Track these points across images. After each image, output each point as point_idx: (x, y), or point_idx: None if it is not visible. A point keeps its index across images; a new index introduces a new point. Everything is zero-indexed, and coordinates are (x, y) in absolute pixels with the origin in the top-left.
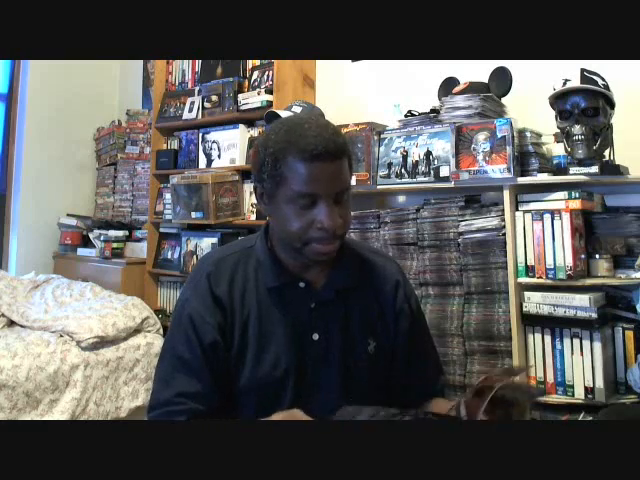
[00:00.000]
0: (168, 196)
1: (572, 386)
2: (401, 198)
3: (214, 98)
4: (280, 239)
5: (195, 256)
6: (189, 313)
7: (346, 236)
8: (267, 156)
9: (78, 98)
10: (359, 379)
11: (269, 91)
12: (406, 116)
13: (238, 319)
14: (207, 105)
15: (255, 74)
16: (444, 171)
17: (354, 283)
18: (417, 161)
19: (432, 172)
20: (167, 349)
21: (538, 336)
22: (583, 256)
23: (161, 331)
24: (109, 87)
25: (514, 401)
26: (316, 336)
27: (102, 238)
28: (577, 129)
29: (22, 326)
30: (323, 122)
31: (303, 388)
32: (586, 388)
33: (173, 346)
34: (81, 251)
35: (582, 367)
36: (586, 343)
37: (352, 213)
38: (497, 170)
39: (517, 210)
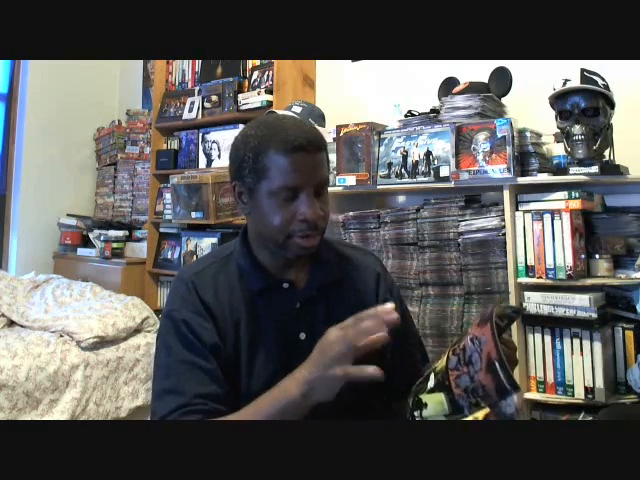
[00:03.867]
0: (168, 196)
1: (572, 386)
2: (401, 198)
3: (214, 98)
4: (260, 237)
5: (195, 256)
6: (184, 319)
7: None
8: (247, 151)
9: (78, 98)
10: None
11: (269, 91)
12: (406, 116)
13: (229, 326)
14: (207, 105)
15: (255, 74)
16: (444, 171)
17: (335, 277)
18: (417, 161)
19: (432, 172)
20: (165, 357)
21: (538, 336)
22: (583, 256)
23: None
24: (109, 87)
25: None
26: (303, 335)
27: (102, 238)
28: (577, 129)
29: (22, 326)
30: (299, 118)
31: None
32: (586, 388)
33: (172, 353)
34: (81, 251)
35: (582, 367)
36: (586, 343)
37: (352, 213)
38: (497, 170)
39: (517, 210)
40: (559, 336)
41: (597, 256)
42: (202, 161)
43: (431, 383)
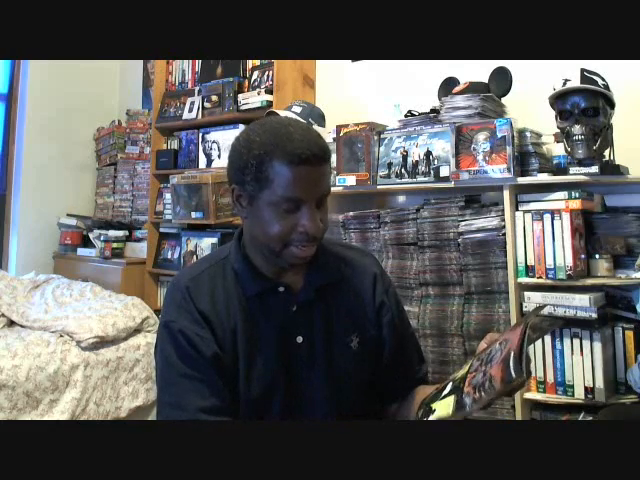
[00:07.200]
0: (168, 196)
1: (572, 386)
2: (401, 198)
3: (214, 98)
4: (257, 243)
5: (195, 256)
6: (181, 330)
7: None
8: (251, 158)
9: (78, 98)
10: (344, 377)
11: (269, 91)
12: (406, 116)
13: (227, 332)
14: (207, 105)
15: (255, 74)
16: (444, 171)
17: (332, 280)
18: (417, 161)
19: (432, 172)
20: (164, 369)
21: None
22: (583, 256)
23: None
24: (109, 87)
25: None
26: (300, 339)
27: (102, 238)
28: (577, 129)
29: (22, 326)
30: (305, 125)
31: (292, 392)
32: (586, 388)
33: (170, 365)
34: (81, 251)
35: (582, 367)
36: (586, 343)
37: (352, 213)
38: (497, 170)
39: (517, 210)
40: (559, 336)
41: (597, 256)
42: (202, 161)
43: (446, 391)
